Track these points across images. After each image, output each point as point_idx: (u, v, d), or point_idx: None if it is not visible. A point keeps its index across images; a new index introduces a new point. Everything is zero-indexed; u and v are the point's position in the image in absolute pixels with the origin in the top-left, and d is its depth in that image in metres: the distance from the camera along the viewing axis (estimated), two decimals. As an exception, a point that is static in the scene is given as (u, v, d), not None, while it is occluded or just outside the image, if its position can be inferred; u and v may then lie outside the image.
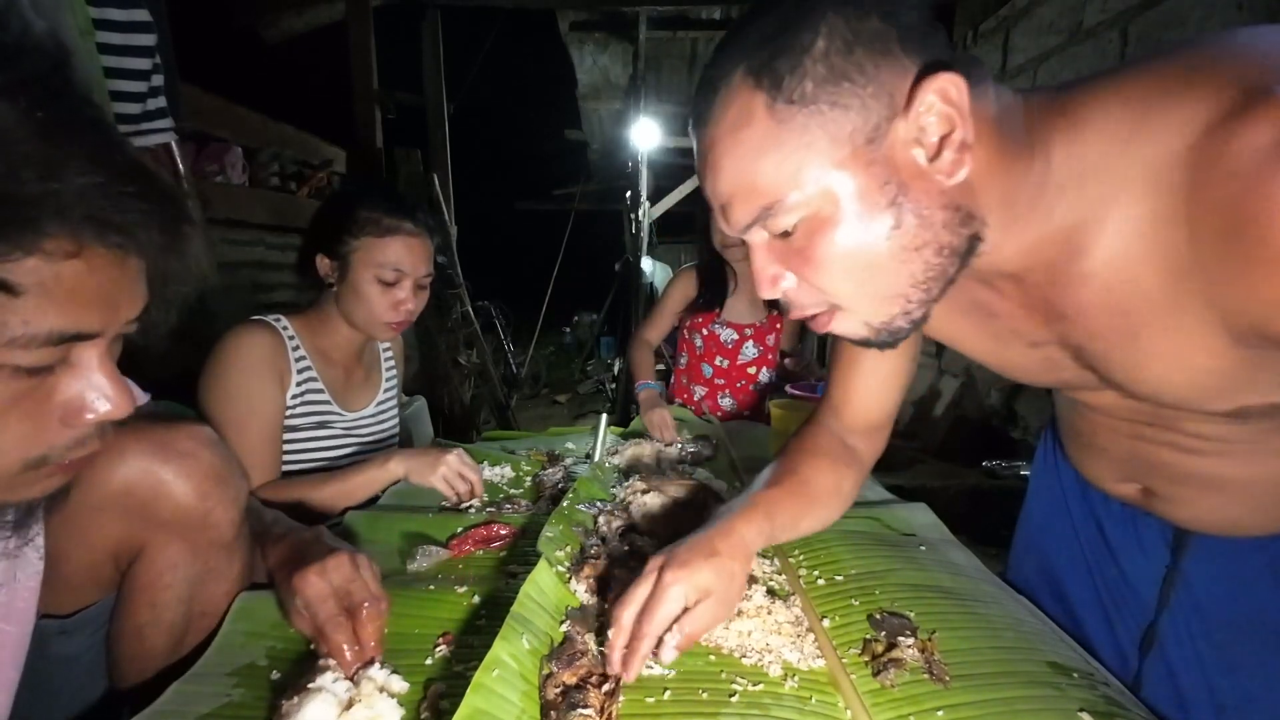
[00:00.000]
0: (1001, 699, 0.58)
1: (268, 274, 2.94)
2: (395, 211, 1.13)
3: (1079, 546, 0.82)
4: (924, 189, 0.49)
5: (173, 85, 1.48)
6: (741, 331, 1.79)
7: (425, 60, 4.29)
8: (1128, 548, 0.76)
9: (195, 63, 2.07)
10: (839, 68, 0.47)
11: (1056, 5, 2.53)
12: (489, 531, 0.90)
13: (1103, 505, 0.79)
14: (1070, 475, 0.83)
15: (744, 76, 0.49)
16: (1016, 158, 0.50)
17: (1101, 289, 0.50)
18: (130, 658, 0.66)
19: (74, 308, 0.42)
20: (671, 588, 0.60)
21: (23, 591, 0.55)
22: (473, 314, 4.61)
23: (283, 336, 1.13)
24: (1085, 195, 0.48)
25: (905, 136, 0.48)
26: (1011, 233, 0.52)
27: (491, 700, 0.51)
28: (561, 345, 8.84)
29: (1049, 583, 0.85)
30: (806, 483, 0.77)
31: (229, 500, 0.67)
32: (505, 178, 10.92)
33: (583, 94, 5.65)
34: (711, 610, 0.62)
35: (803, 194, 0.50)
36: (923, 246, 0.50)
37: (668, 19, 4.35)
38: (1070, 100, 0.49)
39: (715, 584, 0.62)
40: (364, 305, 1.13)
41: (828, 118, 0.48)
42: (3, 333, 0.39)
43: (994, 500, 2.68)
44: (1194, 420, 0.60)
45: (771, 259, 0.55)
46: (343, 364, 1.23)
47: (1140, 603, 0.74)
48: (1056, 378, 0.64)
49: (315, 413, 1.17)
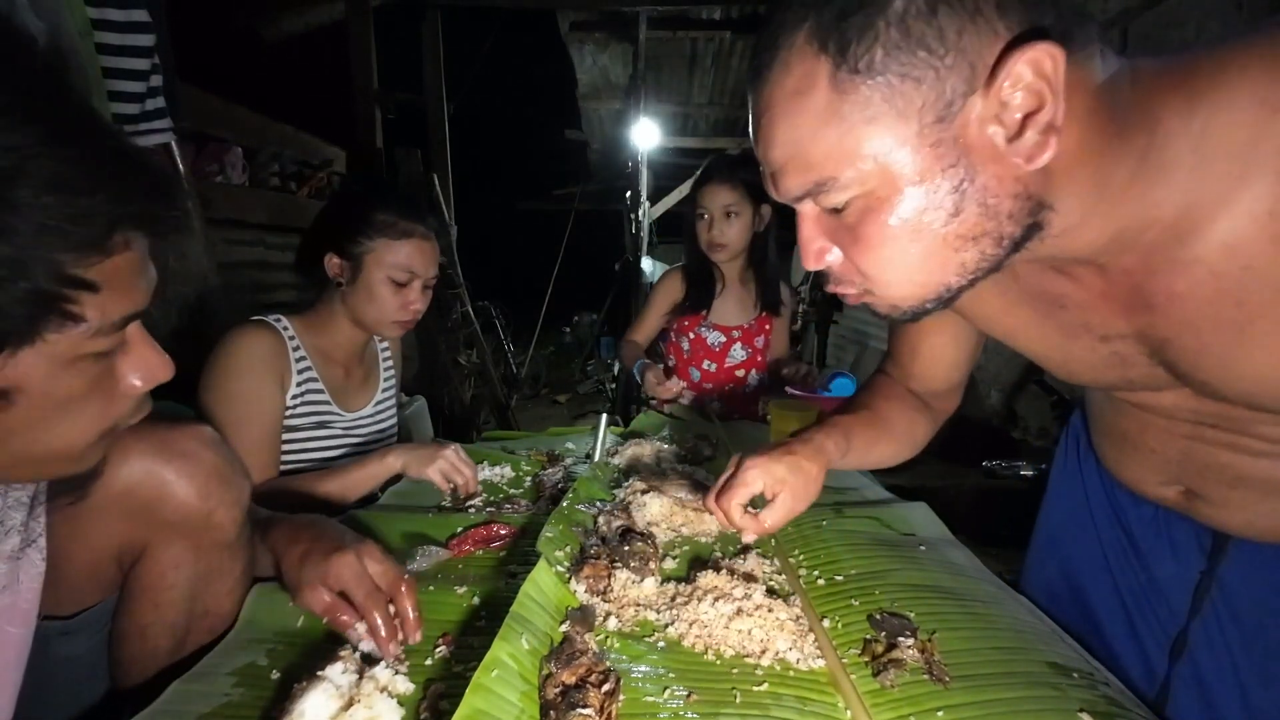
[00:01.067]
0: (1001, 699, 0.58)
1: (268, 274, 2.94)
2: (410, 214, 1.16)
3: (1101, 551, 0.79)
4: (996, 173, 0.45)
5: (172, 85, 1.48)
6: (729, 334, 1.77)
7: (425, 60, 4.29)
8: (1158, 552, 0.73)
9: (195, 63, 2.07)
10: (916, 33, 0.41)
11: (1056, 5, 2.54)
12: (489, 531, 0.90)
13: (1131, 509, 0.76)
14: (1094, 477, 0.80)
15: (809, 38, 0.45)
16: (1117, 135, 0.44)
17: (1209, 275, 0.45)
18: (133, 658, 0.66)
19: (132, 293, 0.47)
20: (749, 471, 0.71)
21: (26, 593, 0.55)
22: (473, 314, 4.61)
23: (283, 336, 1.13)
24: (1204, 172, 0.43)
25: (984, 113, 0.43)
26: (1097, 215, 0.47)
27: (491, 700, 0.51)
28: (561, 345, 8.83)
29: (1070, 588, 0.83)
30: (883, 417, 0.81)
31: (231, 500, 0.67)
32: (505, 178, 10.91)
33: (583, 94, 5.65)
34: (787, 503, 0.71)
35: (858, 172, 0.46)
36: (981, 236, 0.46)
37: (668, 19, 4.35)
38: (1187, 69, 0.43)
39: (790, 477, 0.71)
40: (375, 305, 1.15)
41: (896, 91, 0.43)
42: (89, 326, 0.44)
43: (994, 500, 2.68)
44: (1271, 423, 0.55)
45: (819, 232, 0.52)
46: (342, 364, 1.24)
47: (1170, 610, 0.72)
48: (1121, 375, 0.59)
49: (315, 413, 1.17)
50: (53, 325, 0.42)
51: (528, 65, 6.91)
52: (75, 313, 0.43)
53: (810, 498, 0.74)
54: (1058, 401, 2.44)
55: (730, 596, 0.70)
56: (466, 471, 1.08)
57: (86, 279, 0.42)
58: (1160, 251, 0.47)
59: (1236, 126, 0.41)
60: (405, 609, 0.65)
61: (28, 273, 0.40)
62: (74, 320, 0.43)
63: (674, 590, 0.74)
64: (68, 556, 0.60)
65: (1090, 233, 0.48)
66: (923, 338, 0.79)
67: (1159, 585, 0.73)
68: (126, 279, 0.46)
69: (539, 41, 5.46)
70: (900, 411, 0.82)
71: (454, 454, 1.08)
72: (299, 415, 1.14)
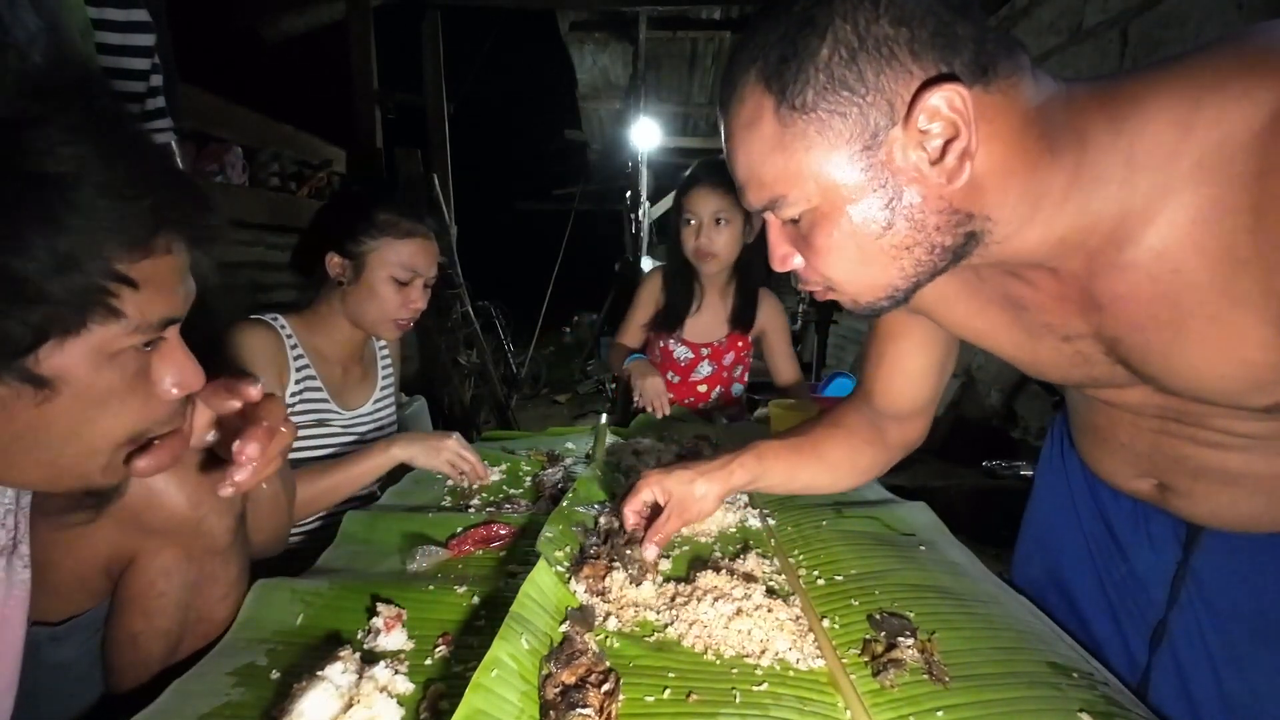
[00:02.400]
0: (1001, 699, 0.58)
1: (268, 274, 2.94)
2: (412, 214, 1.18)
3: (1085, 545, 0.81)
4: (921, 192, 0.51)
5: (172, 85, 1.47)
6: (698, 351, 1.71)
7: (425, 60, 4.29)
8: (1137, 544, 0.76)
9: (195, 63, 2.07)
10: (840, 76, 0.49)
11: (1056, 5, 2.53)
12: (489, 531, 0.90)
13: (1112, 502, 0.78)
14: (1078, 474, 0.83)
15: (758, 77, 0.52)
16: (1048, 150, 0.49)
17: (1146, 279, 0.49)
18: (126, 665, 0.65)
19: (171, 296, 0.50)
20: (643, 482, 0.80)
21: (13, 602, 0.55)
22: (473, 314, 4.62)
23: (281, 335, 1.14)
24: (1133, 185, 0.47)
25: (906, 142, 0.49)
26: (1036, 224, 0.52)
27: (491, 700, 0.51)
28: (561, 345, 8.83)
29: (1054, 582, 0.85)
30: (815, 445, 0.85)
31: (223, 507, 0.66)
32: (505, 178, 10.91)
33: (583, 94, 5.65)
34: (670, 518, 0.77)
35: (803, 191, 0.53)
36: (914, 246, 0.53)
37: (668, 19, 4.36)
38: (1112, 92, 0.48)
39: (677, 491, 0.78)
40: (377, 304, 1.16)
41: (826, 124, 0.50)
42: (129, 321, 0.47)
43: (994, 500, 2.68)
44: (1225, 416, 0.59)
45: (783, 239, 0.60)
46: (340, 362, 1.24)
47: (1150, 600, 0.74)
48: (1086, 374, 0.63)
49: (313, 411, 1.17)
50: (98, 317, 0.46)
51: (528, 65, 6.92)
52: (117, 307, 0.46)
53: (698, 515, 0.80)
54: (1059, 402, 2.43)
55: (730, 596, 0.70)
56: (472, 458, 1.10)
57: (129, 276, 0.46)
58: (1102, 256, 0.51)
59: (1158, 144, 0.46)
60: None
61: (82, 266, 0.44)
62: (115, 315, 0.46)
63: (674, 590, 0.73)
64: (55, 564, 0.60)
65: (1033, 239, 0.53)
66: (888, 343, 0.82)
67: (1139, 576, 0.76)
68: (166, 281, 0.49)
69: (539, 41, 5.47)
70: (840, 440, 0.85)
71: (457, 443, 1.10)
72: (297, 413, 1.15)
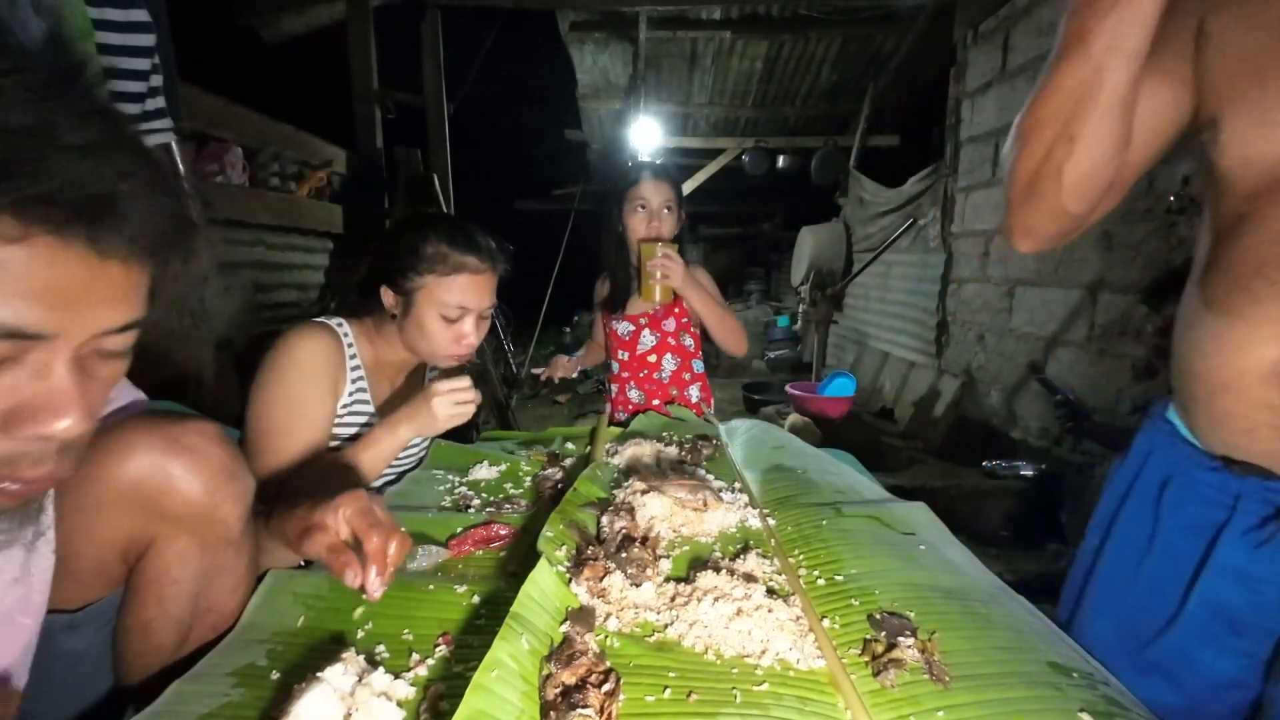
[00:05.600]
0: (1001, 699, 0.58)
1: (268, 274, 2.94)
2: (460, 246, 1.10)
3: (1173, 568, 0.69)
4: None
5: (172, 85, 1.47)
6: (636, 321, 1.78)
7: (425, 60, 4.29)
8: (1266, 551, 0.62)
9: (195, 63, 2.07)
10: None
11: (1057, 5, 2.53)
12: (489, 531, 0.90)
13: (1257, 498, 0.63)
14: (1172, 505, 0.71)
15: None
16: None
17: None
18: (137, 653, 0.66)
19: (13, 299, 0.38)
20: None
21: (38, 585, 0.56)
22: (473, 314, 4.60)
23: (343, 343, 1.11)
24: None
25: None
26: None
27: (491, 701, 0.51)
28: (561, 345, 8.83)
29: (1133, 637, 0.73)
30: None
31: (236, 496, 0.67)
32: (505, 178, 10.88)
33: (583, 94, 5.65)
34: None
35: None
36: None
37: (668, 19, 4.36)
38: None
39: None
40: (426, 340, 1.12)
41: None
42: None
43: (994, 500, 2.68)
44: None
45: None
46: (390, 378, 1.22)
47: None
48: None
49: (358, 425, 1.14)
50: None
51: (528, 65, 6.90)
52: None
53: None
54: (1062, 402, 2.42)
55: (730, 597, 0.70)
56: (466, 395, 1.08)
57: None
58: None
59: None
60: (390, 551, 0.66)
61: None
62: None
63: (674, 591, 0.73)
64: (74, 550, 0.61)
65: None
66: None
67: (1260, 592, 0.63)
68: (10, 278, 0.38)
69: (539, 41, 5.45)
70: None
71: (445, 388, 1.06)
72: (344, 425, 1.11)
